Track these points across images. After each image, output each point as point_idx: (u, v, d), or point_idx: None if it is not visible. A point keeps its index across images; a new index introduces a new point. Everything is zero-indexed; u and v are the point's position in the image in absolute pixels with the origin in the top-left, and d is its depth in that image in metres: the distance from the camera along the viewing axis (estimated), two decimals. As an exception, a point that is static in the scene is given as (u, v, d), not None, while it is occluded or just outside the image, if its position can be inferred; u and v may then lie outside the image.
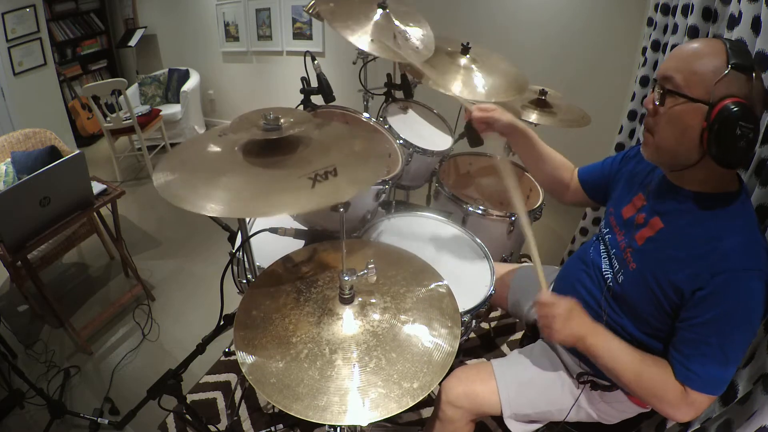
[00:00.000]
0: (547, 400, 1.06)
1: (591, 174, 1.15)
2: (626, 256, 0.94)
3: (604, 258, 1.02)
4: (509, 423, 1.07)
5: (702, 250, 0.80)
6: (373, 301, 0.91)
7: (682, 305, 0.82)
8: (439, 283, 0.99)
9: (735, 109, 0.70)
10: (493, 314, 2.14)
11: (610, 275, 0.99)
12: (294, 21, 3.80)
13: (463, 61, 1.65)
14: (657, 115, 0.82)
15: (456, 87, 1.54)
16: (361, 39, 1.41)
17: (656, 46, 1.75)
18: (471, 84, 1.57)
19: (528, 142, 1.15)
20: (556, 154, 1.19)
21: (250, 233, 1.12)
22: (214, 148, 0.98)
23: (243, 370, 0.79)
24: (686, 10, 1.47)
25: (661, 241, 0.88)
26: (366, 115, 1.64)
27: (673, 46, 1.57)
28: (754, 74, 0.72)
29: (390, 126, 1.63)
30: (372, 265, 0.86)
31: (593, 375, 1.03)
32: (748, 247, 0.77)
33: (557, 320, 0.89)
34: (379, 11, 1.51)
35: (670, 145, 0.82)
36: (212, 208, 0.79)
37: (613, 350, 0.88)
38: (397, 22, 1.51)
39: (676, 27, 1.55)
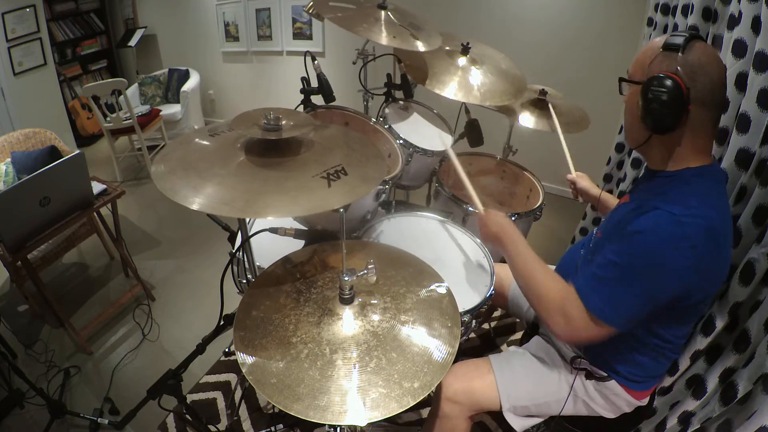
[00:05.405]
0: (544, 392, 1.08)
1: None
2: (599, 230, 1.03)
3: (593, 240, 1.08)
4: (508, 417, 1.08)
5: (644, 206, 0.85)
6: (374, 301, 0.91)
7: None
8: (439, 283, 0.99)
9: (653, 80, 0.80)
10: (493, 314, 2.14)
11: (590, 251, 1.04)
12: (294, 21, 3.80)
13: (462, 61, 1.65)
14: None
15: (452, 89, 1.55)
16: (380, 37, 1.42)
17: (656, 46, 1.75)
18: (467, 86, 1.57)
19: (602, 204, 1.35)
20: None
21: (250, 233, 1.13)
22: (214, 148, 0.98)
23: (243, 371, 0.79)
24: (686, 10, 1.47)
25: (620, 211, 0.97)
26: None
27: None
28: (683, 51, 0.80)
29: (390, 126, 1.63)
30: (372, 266, 0.86)
31: (588, 362, 1.04)
32: (681, 203, 0.80)
33: (480, 226, 1.16)
34: (382, 12, 1.51)
35: (628, 125, 0.94)
36: (235, 209, 0.79)
37: (519, 248, 1.02)
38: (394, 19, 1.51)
39: (676, 27, 1.55)
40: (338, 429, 1.10)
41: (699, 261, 0.78)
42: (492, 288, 1.19)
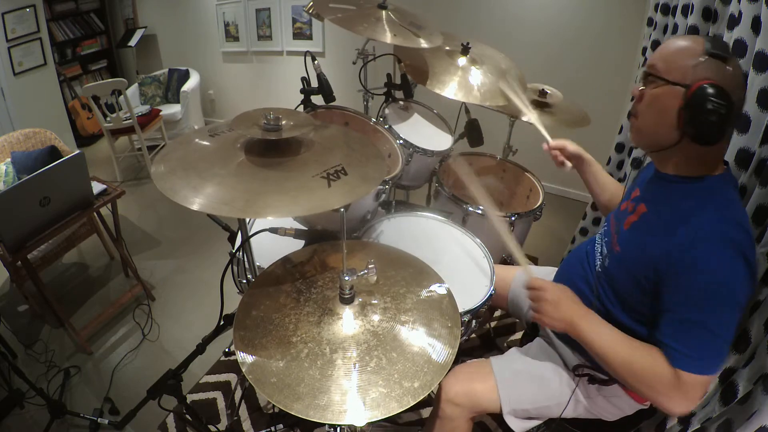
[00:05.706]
0: (545, 395, 1.07)
1: None
2: (613, 241, 0.99)
3: (597, 247, 1.06)
4: (508, 419, 1.08)
5: (676, 228, 0.83)
6: (374, 301, 0.91)
7: (660, 285, 0.84)
8: (439, 284, 0.99)
9: (708, 88, 0.76)
10: (493, 314, 2.14)
11: (599, 261, 1.02)
12: (294, 21, 3.80)
13: (462, 61, 1.65)
14: (641, 101, 0.89)
15: (452, 89, 1.54)
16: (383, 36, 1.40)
17: (656, 46, 1.76)
18: (467, 86, 1.57)
19: (591, 170, 1.27)
20: (614, 183, 1.27)
21: (250, 233, 1.13)
22: (214, 148, 0.98)
23: (243, 370, 0.79)
24: (686, 10, 1.47)
25: (642, 224, 0.92)
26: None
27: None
28: (728, 64, 0.78)
29: (390, 126, 1.63)
30: (372, 266, 0.86)
31: (590, 368, 1.03)
32: (720, 219, 0.79)
33: (547, 305, 0.93)
34: (382, 12, 1.51)
35: (650, 126, 0.88)
36: (235, 209, 0.79)
37: (602, 335, 0.89)
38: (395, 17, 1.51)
39: (676, 27, 1.55)
40: (338, 429, 1.10)
41: (755, 272, 0.80)
42: (492, 288, 1.19)
